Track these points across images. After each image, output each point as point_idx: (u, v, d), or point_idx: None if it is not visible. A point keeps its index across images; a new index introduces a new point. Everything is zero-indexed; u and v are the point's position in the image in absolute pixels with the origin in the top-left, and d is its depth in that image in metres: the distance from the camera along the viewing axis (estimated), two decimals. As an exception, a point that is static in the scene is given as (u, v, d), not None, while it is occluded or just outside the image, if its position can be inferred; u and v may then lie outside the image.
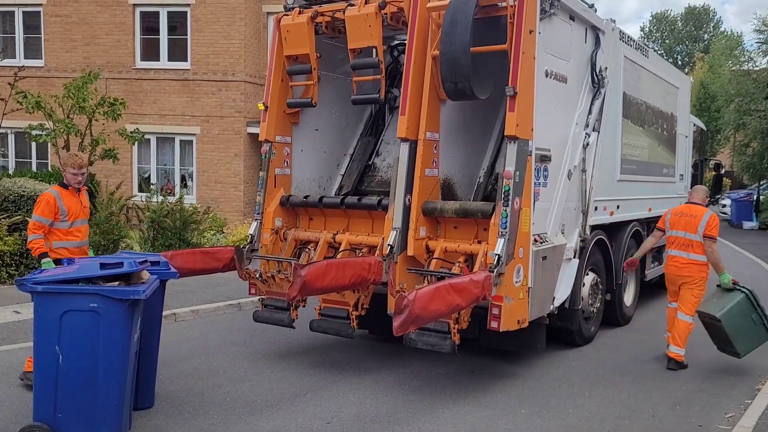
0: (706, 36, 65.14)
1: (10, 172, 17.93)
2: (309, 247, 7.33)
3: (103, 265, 4.84)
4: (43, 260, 5.92)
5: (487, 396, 6.22)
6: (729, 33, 54.87)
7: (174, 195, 15.46)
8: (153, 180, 18.37)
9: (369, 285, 6.55)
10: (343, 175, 8.20)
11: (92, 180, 17.25)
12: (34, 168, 18.76)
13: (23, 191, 11.01)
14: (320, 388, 6.35)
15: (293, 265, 6.44)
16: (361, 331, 7.48)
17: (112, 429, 4.80)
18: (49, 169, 18.33)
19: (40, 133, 13.67)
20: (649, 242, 8.12)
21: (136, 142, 15.41)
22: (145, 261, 5.17)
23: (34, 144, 17.72)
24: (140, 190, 17.98)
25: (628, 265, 8.25)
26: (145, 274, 5.15)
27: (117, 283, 4.87)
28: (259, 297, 7.46)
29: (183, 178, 18.63)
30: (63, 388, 4.73)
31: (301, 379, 6.60)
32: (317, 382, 6.50)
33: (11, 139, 19.19)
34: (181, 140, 18.44)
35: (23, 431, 4.74)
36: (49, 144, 14.04)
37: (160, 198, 13.55)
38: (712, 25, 66.85)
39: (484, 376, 6.80)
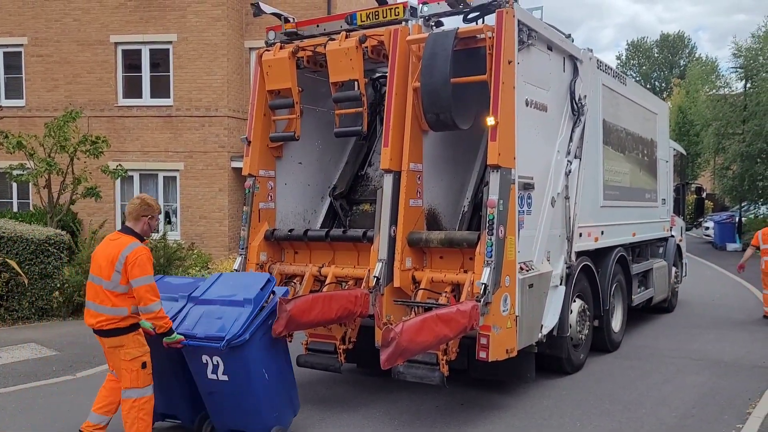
0: (682, 62, 66.52)
1: (-9, 212, 17.73)
2: (294, 281, 7.27)
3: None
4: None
5: (478, 429, 6.14)
6: (704, 59, 56.01)
7: (158, 231, 15.33)
8: (136, 217, 18.19)
9: (356, 318, 6.50)
10: (337, 180, 8.21)
11: (74, 219, 17.12)
12: (15, 208, 18.59)
13: (3, 232, 10.85)
14: (308, 425, 6.23)
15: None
16: (349, 365, 7.39)
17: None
18: (31, 209, 18.16)
19: (22, 172, 13.58)
20: (748, 253, 12.07)
21: (119, 179, 15.33)
22: None
23: (15, 184, 17.58)
24: (124, 227, 17.80)
25: (740, 268, 12.17)
26: None
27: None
28: (244, 333, 7.34)
29: (167, 215, 18.50)
30: (274, 396, 5.65)
31: (289, 417, 6.48)
32: (305, 420, 6.37)
33: (-8, 179, 19.04)
34: (164, 176, 18.39)
35: None
36: (30, 184, 13.94)
37: (144, 235, 13.42)
38: (687, 51, 68.35)
39: (474, 409, 6.72)
